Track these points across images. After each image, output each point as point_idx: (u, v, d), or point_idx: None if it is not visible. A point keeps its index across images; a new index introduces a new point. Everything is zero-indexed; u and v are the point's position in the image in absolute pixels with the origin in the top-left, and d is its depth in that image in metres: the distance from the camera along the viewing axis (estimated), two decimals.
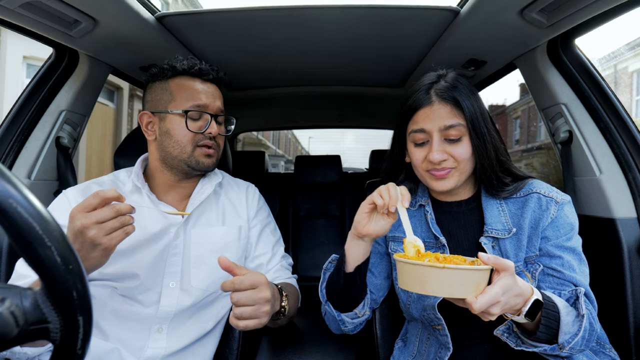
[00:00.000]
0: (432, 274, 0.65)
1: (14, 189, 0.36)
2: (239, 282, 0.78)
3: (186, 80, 1.04)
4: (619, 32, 22.41)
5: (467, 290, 0.65)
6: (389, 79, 1.93)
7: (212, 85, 1.07)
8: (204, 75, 1.05)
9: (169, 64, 1.04)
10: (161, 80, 1.05)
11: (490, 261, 0.66)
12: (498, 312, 0.66)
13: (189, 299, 1.01)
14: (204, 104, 1.03)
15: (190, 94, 1.02)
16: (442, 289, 0.65)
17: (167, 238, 1.02)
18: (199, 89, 1.04)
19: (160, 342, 0.98)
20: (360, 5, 1.16)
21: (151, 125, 1.05)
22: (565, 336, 0.74)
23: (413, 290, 0.69)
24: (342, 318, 0.98)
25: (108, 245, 0.75)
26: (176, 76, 1.04)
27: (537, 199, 0.89)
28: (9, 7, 0.96)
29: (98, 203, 0.74)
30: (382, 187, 0.84)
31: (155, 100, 1.04)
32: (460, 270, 0.64)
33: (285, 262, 1.19)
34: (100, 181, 1.07)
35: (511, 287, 0.67)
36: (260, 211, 1.19)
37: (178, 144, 1.01)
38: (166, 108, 1.02)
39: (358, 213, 0.88)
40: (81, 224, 0.72)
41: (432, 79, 0.91)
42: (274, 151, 24.68)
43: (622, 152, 1.20)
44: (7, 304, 0.37)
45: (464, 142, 0.87)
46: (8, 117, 1.26)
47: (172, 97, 1.02)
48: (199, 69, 1.04)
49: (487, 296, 0.64)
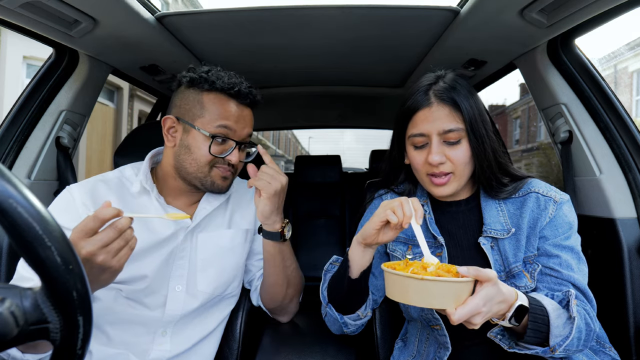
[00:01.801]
0: (412, 284, 0.66)
1: (14, 189, 0.36)
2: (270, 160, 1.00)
3: (222, 99, 0.98)
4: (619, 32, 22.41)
5: (446, 301, 0.65)
6: (389, 79, 1.93)
7: (246, 109, 1.02)
8: (241, 98, 0.99)
9: (209, 75, 0.98)
10: (196, 89, 0.98)
11: (470, 274, 0.66)
12: (480, 322, 0.67)
13: (195, 302, 1.00)
14: (233, 129, 0.98)
15: (222, 115, 0.97)
16: (421, 300, 0.66)
17: (174, 242, 1.00)
18: (232, 111, 0.98)
19: (165, 345, 0.97)
20: (360, 5, 1.16)
21: (173, 131, 1.00)
22: (556, 339, 0.74)
23: (396, 300, 0.70)
24: (344, 320, 0.98)
25: (117, 267, 0.74)
26: (213, 91, 0.98)
27: (536, 199, 0.89)
28: (9, 7, 0.96)
29: (99, 226, 0.71)
30: (395, 203, 0.80)
31: (184, 109, 0.99)
32: (439, 282, 0.65)
33: None
34: (105, 178, 1.02)
35: (493, 297, 0.67)
36: None
37: (196, 162, 0.97)
38: (193, 122, 0.97)
39: (369, 227, 0.84)
40: (87, 252, 0.69)
41: (430, 80, 0.91)
42: (274, 151, 24.68)
43: (622, 152, 1.20)
44: (7, 304, 0.37)
45: (463, 145, 0.87)
46: (8, 117, 1.26)
47: (202, 113, 0.97)
48: (238, 90, 0.98)
49: (467, 308, 0.64)
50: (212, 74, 0.98)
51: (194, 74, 0.98)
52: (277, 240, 1.02)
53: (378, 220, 0.82)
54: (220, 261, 1.05)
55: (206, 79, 0.97)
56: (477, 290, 0.67)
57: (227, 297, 1.09)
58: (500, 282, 0.70)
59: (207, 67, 1.00)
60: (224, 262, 1.05)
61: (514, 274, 0.86)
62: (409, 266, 0.73)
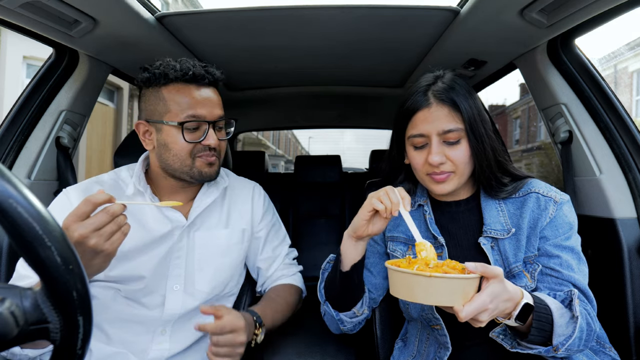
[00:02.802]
0: (419, 282, 0.65)
1: (14, 189, 0.36)
2: (221, 328, 0.84)
3: (180, 88, 0.96)
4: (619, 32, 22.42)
5: (454, 298, 0.65)
6: (389, 79, 1.93)
7: (208, 89, 1.00)
8: (199, 81, 0.97)
9: (161, 69, 0.96)
10: (154, 87, 0.97)
11: (477, 270, 0.66)
12: (487, 319, 0.67)
13: (194, 301, 1.01)
14: (201, 115, 0.96)
15: (185, 104, 0.95)
16: (429, 297, 0.66)
17: (170, 241, 1.01)
18: (195, 97, 0.96)
19: (164, 344, 0.98)
20: (360, 5, 1.16)
21: (148, 134, 1.00)
22: (559, 338, 0.74)
23: (402, 298, 0.70)
24: (340, 317, 0.98)
25: (110, 251, 0.74)
26: (169, 83, 0.96)
27: (536, 199, 0.89)
28: (9, 7, 0.96)
29: (90, 210, 0.72)
30: (380, 193, 0.82)
31: (150, 110, 0.98)
32: (447, 279, 0.64)
33: (288, 260, 1.19)
34: (100, 179, 1.04)
35: (500, 294, 0.67)
36: (266, 214, 1.18)
37: (177, 156, 0.97)
38: (161, 119, 0.96)
39: (358, 219, 0.86)
40: (79, 235, 0.70)
41: (429, 80, 0.91)
42: (274, 151, 24.68)
43: (622, 152, 1.20)
44: (7, 304, 0.37)
45: (462, 145, 0.87)
46: (8, 117, 1.26)
47: (167, 108, 0.95)
48: (192, 74, 0.95)
49: (474, 304, 0.64)
50: (164, 67, 0.96)
51: (148, 73, 0.97)
52: None
53: (366, 211, 0.84)
54: (218, 260, 1.05)
55: (160, 73, 0.96)
56: (483, 286, 0.67)
57: (226, 296, 1.09)
58: (506, 280, 0.70)
59: (159, 62, 0.98)
60: (221, 262, 1.06)
61: (514, 274, 0.86)
62: (412, 264, 0.74)
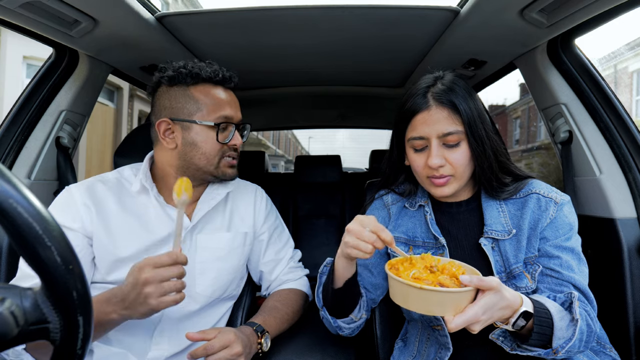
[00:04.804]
0: (412, 292, 0.66)
1: (14, 189, 0.36)
2: (210, 347, 0.83)
3: (211, 88, 0.99)
4: (619, 32, 22.40)
5: (445, 309, 0.66)
6: (389, 79, 1.93)
7: (232, 93, 1.04)
8: (226, 83, 1.02)
9: (188, 68, 0.97)
10: (180, 85, 0.98)
11: (472, 283, 0.66)
12: (479, 329, 0.67)
13: (194, 304, 1.01)
14: (231, 116, 1.00)
15: (218, 105, 0.98)
16: (420, 307, 0.67)
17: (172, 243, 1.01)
18: (224, 99, 1.00)
19: (163, 345, 0.97)
20: (360, 5, 1.16)
21: (169, 133, 0.98)
22: (559, 341, 0.74)
23: (398, 303, 0.71)
24: (338, 324, 0.97)
25: (155, 307, 0.76)
26: (199, 83, 0.98)
27: (537, 200, 0.89)
28: (9, 7, 0.96)
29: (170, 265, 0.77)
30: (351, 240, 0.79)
31: (176, 108, 0.97)
32: (438, 292, 0.65)
33: (293, 263, 1.19)
34: (104, 178, 1.03)
35: (495, 304, 0.67)
36: (269, 217, 1.18)
37: (205, 155, 0.98)
38: (192, 118, 0.96)
39: (347, 252, 0.82)
40: (145, 279, 0.74)
41: (428, 81, 0.90)
42: (274, 151, 24.68)
43: (622, 152, 1.20)
44: (7, 304, 0.37)
45: (462, 147, 0.87)
46: (8, 117, 1.26)
47: (199, 107, 0.97)
48: (222, 76, 1.00)
49: (465, 317, 0.65)
50: (192, 67, 0.98)
51: (172, 72, 0.97)
52: None
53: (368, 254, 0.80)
54: (219, 264, 1.05)
55: (188, 72, 0.97)
56: (478, 298, 0.67)
57: (226, 299, 1.09)
58: (505, 287, 0.69)
59: (182, 62, 1.00)
60: (223, 266, 1.05)
61: (515, 275, 0.86)
62: (413, 265, 0.74)
